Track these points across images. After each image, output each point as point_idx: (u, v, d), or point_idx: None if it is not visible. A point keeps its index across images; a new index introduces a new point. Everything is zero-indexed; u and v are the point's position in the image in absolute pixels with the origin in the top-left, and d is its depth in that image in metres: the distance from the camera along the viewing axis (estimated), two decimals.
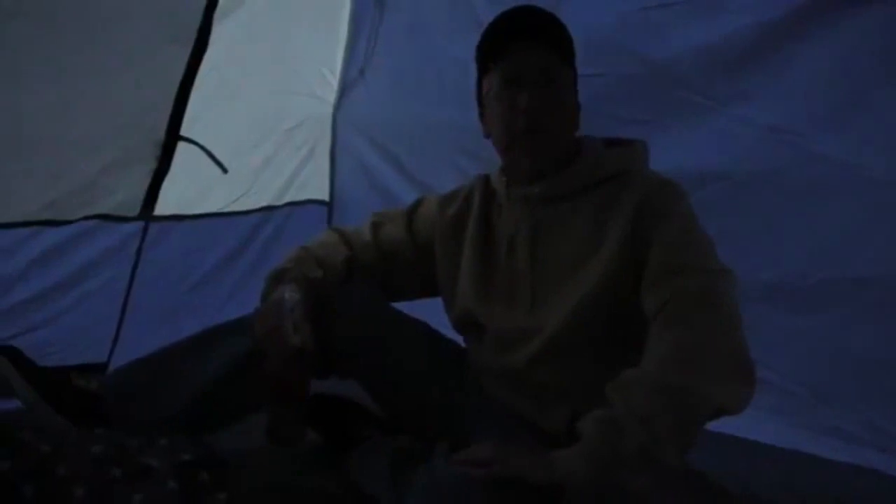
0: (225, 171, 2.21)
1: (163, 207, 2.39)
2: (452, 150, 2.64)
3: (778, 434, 2.01)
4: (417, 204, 1.81)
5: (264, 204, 2.80)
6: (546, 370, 1.52)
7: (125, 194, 2.26)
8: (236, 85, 2.47)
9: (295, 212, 2.93)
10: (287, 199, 2.89)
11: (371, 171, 3.00)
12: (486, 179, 1.72)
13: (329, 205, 3.08)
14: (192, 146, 2.30)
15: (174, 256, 2.48)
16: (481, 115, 1.65)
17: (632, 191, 1.50)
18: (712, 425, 1.36)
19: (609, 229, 1.48)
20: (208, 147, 2.31)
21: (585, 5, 2.16)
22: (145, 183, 2.29)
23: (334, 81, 2.98)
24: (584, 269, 1.50)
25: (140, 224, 2.38)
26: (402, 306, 1.72)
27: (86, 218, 2.22)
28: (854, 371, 1.93)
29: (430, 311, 1.75)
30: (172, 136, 2.27)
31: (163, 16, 2.13)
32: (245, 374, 1.63)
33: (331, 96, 3.00)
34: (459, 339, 1.75)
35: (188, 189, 2.42)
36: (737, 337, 1.34)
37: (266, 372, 1.56)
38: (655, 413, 1.24)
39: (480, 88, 1.63)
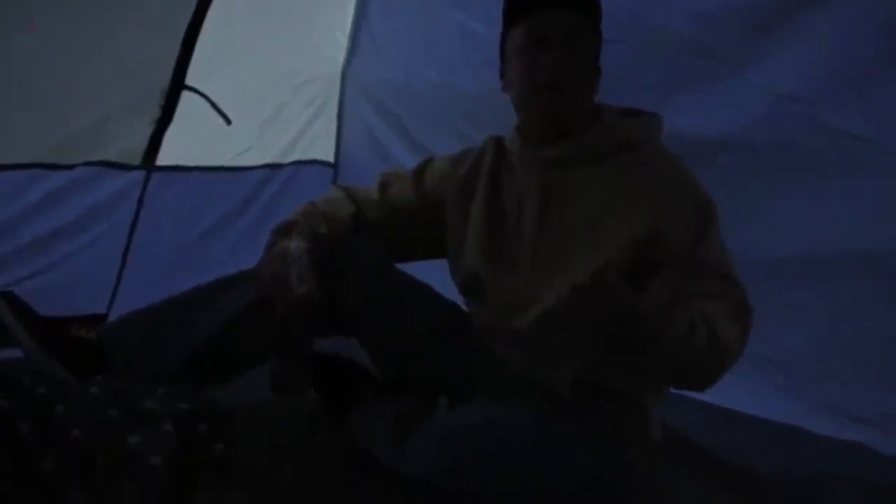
0: (228, 122, 2.18)
1: (166, 158, 2.36)
2: (458, 117, 2.61)
3: (781, 410, 2.01)
4: (426, 163, 1.78)
5: (269, 161, 2.77)
6: (549, 333, 1.50)
7: (128, 142, 2.23)
8: (245, 38, 2.43)
9: (300, 171, 2.90)
10: (293, 157, 2.86)
11: (376, 135, 2.98)
12: (498, 140, 1.70)
13: (334, 167, 3.06)
14: (197, 97, 2.26)
15: (177, 208, 2.45)
16: (502, 71, 1.63)
17: (654, 166, 1.50)
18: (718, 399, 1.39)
19: (627, 203, 1.47)
20: (213, 99, 2.27)
21: None
22: (149, 131, 2.26)
23: (344, 41, 2.93)
24: (598, 237, 1.48)
25: (142, 173, 2.34)
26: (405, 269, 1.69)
27: (87, 164, 2.19)
28: (862, 349, 1.93)
29: (433, 278, 1.72)
30: (177, 84, 2.23)
31: None
32: (247, 327, 1.60)
33: (340, 56, 2.95)
34: (462, 303, 1.72)
35: (193, 140, 2.39)
36: (742, 348, 1.45)
37: (270, 322, 1.55)
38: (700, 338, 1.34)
39: (504, 43, 1.61)
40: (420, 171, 1.77)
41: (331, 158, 3.04)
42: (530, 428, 1.39)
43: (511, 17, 1.58)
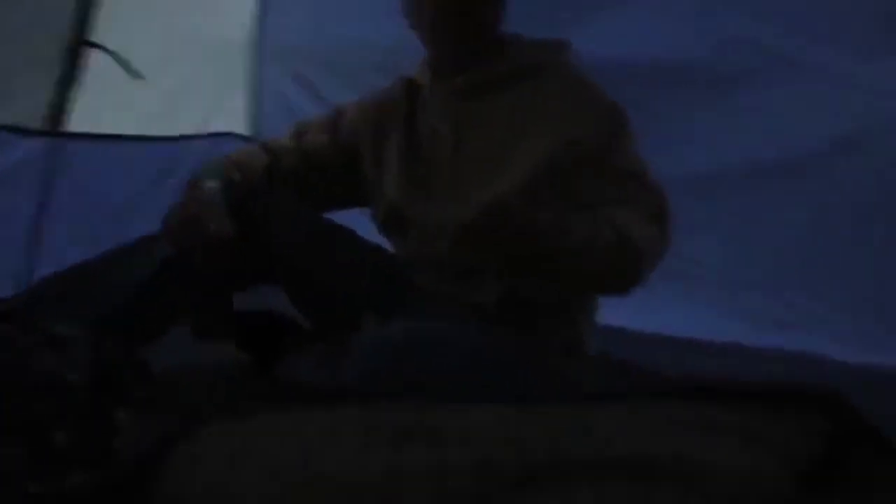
0: (140, 77, 2.11)
1: (73, 124, 2.27)
2: (373, 72, 2.51)
3: (702, 324, 2.09)
4: (340, 108, 1.81)
5: (185, 132, 2.72)
6: (465, 257, 1.52)
7: (26, 102, 2.11)
8: None
9: (218, 144, 2.81)
10: (211, 128, 2.82)
11: (292, 104, 2.94)
12: (408, 79, 1.72)
13: (251, 140, 2.94)
14: (104, 55, 2.17)
15: (89, 181, 2.36)
16: (409, 8, 1.64)
17: (562, 85, 1.56)
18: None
19: (537, 122, 1.53)
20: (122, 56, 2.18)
21: None
22: (50, 92, 2.14)
23: (251, 6, 2.88)
24: (509, 162, 1.53)
25: (47, 140, 2.23)
26: None
27: None
28: (773, 255, 2.01)
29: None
30: (79, 39, 2.12)
31: None
32: (164, 283, 1.59)
33: (249, 24, 2.91)
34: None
35: (101, 103, 2.30)
36: (664, 248, 1.51)
37: (187, 271, 1.54)
38: (600, 243, 1.42)
39: None
40: (334, 118, 1.79)
41: (246, 131, 2.99)
42: (456, 336, 1.38)
43: None
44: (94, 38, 2.15)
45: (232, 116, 2.92)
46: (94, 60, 2.19)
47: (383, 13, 1.74)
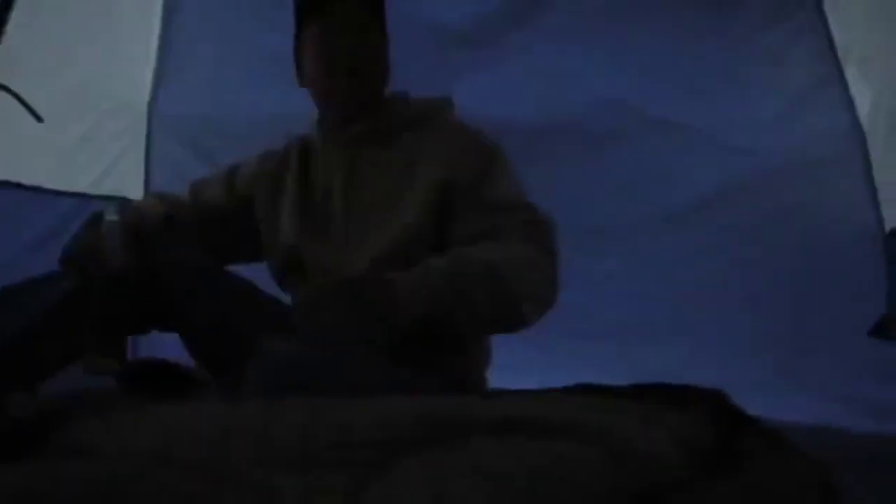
0: (40, 119, 2.09)
1: None
2: (268, 138, 2.65)
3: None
4: (235, 166, 1.87)
5: (80, 189, 2.69)
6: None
7: None
8: (52, 39, 2.38)
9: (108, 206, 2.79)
10: (104, 189, 2.79)
11: (185, 173, 2.89)
12: (300, 137, 1.80)
13: None
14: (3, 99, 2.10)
15: None
16: (298, 69, 1.74)
17: (443, 133, 1.64)
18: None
19: (421, 169, 1.60)
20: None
21: None
22: None
23: (149, 73, 2.92)
24: (396, 208, 1.60)
25: None
26: None
27: None
28: (671, 306, 2.10)
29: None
30: None
31: None
32: (57, 321, 1.57)
33: (146, 88, 2.93)
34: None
35: None
36: (555, 264, 1.53)
37: (84, 308, 1.51)
38: (475, 282, 1.42)
39: (298, 42, 1.72)
40: (230, 173, 1.85)
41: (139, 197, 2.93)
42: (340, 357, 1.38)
43: (304, 14, 1.70)
44: None
45: (125, 178, 2.89)
46: None
47: (277, 80, 1.82)
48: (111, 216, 1.59)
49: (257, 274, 1.74)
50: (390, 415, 0.87)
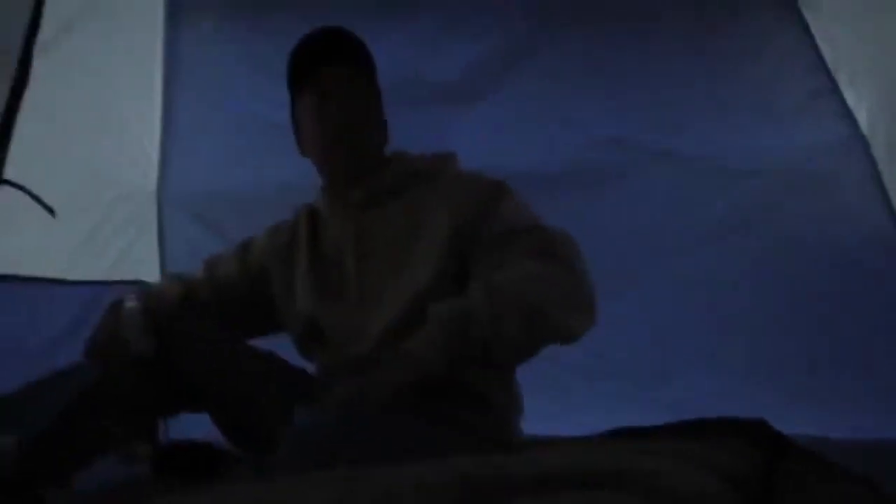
0: (52, 213, 2.12)
1: None
2: (278, 209, 2.67)
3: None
4: (248, 241, 1.89)
5: (96, 278, 2.69)
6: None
7: None
8: (57, 129, 2.40)
9: (128, 292, 2.79)
10: (120, 276, 2.79)
11: (199, 249, 2.92)
12: (309, 206, 1.81)
13: None
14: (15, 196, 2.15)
15: (1, 325, 2.31)
16: (298, 138, 1.77)
17: (449, 185, 1.64)
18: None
19: (428, 222, 1.61)
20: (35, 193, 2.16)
21: None
22: None
23: (155, 156, 2.95)
24: (407, 265, 1.60)
25: None
26: None
27: None
28: (693, 339, 2.08)
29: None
30: None
31: None
32: (84, 413, 1.57)
33: (153, 172, 2.96)
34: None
35: (12, 245, 2.30)
36: (584, 273, 1.49)
37: (110, 399, 1.52)
38: (508, 315, 1.37)
39: (294, 111, 1.76)
40: (243, 248, 1.87)
41: (156, 279, 2.92)
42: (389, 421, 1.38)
43: (296, 82, 1.73)
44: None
45: (141, 263, 2.91)
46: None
47: (280, 155, 1.84)
48: (130, 302, 1.60)
49: (283, 345, 1.74)
50: (431, 481, 0.86)
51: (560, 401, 1.92)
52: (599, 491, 0.83)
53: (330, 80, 1.68)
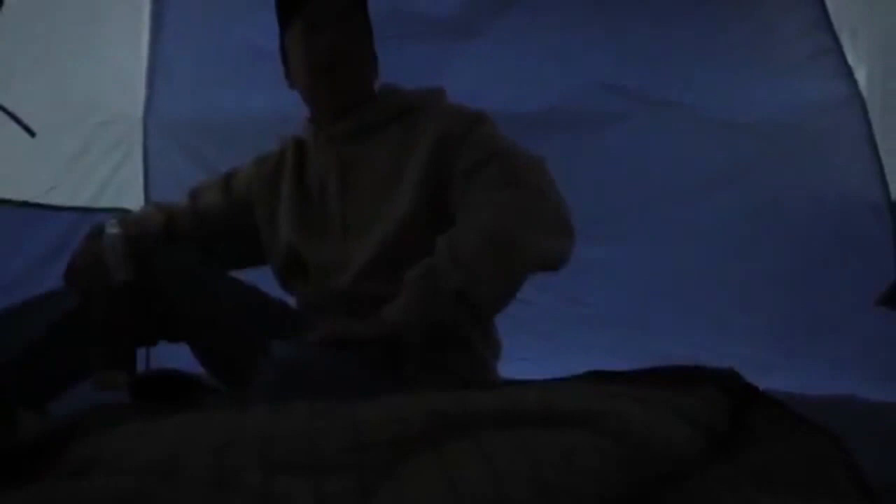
0: (32, 134, 2.10)
1: None
2: (263, 140, 2.64)
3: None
4: (233, 170, 1.87)
5: (79, 204, 2.68)
6: (366, 289, 1.57)
7: None
8: (42, 51, 2.37)
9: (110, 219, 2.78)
10: (103, 202, 2.78)
11: (183, 178, 2.88)
12: (296, 137, 1.79)
13: None
14: None
15: None
16: (286, 69, 1.75)
17: (433, 119, 1.63)
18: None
19: (411, 158, 1.60)
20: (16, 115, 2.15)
21: None
22: None
23: (141, 80, 2.91)
24: (390, 198, 1.60)
25: None
26: None
27: None
28: (671, 295, 2.09)
29: None
30: None
31: None
32: (63, 337, 1.56)
33: (140, 97, 2.92)
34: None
35: None
36: (554, 196, 1.49)
37: (89, 320, 1.51)
38: (476, 257, 1.38)
39: (283, 43, 1.73)
40: (227, 178, 1.86)
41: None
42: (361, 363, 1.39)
43: (285, 14, 1.71)
44: None
45: (124, 191, 2.89)
46: None
47: (268, 83, 1.81)
48: (112, 229, 1.59)
49: (263, 278, 1.74)
50: (399, 413, 0.86)
51: (548, 347, 1.92)
52: (569, 429, 0.83)
53: (318, 8, 1.66)
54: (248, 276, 1.71)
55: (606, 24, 2.27)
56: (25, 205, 2.51)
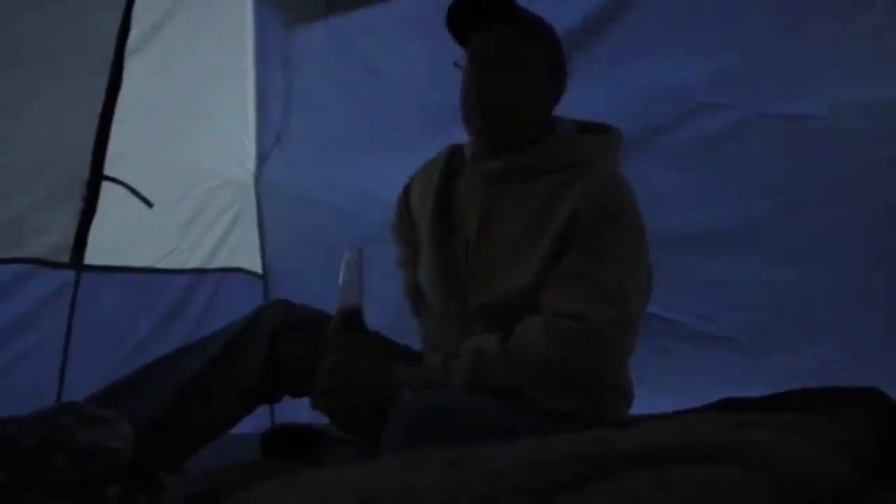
0: (150, 205, 2.20)
1: (92, 255, 2.36)
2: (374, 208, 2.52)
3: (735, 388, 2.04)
4: (405, 192, 1.79)
5: (195, 265, 2.78)
6: (474, 329, 1.53)
7: (57, 236, 2.22)
8: (155, 132, 2.47)
9: (226, 278, 2.91)
10: (217, 263, 2.88)
11: (299, 241, 2.98)
12: (456, 147, 1.71)
13: (263, 277, 3.04)
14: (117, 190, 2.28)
15: (108, 313, 2.42)
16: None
17: (586, 182, 1.51)
18: None
19: (552, 223, 1.50)
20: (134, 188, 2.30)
21: None
22: (74, 224, 2.25)
23: (251, 147, 3.00)
24: (523, 261, 1.51)
25: (71, 273, 2.32)
26: None
27: (17, 260, 2.18)
28: (788, 310, 2.00)
29: None
30: (96, 174, 2.26)
31: (78, 48, 2.19)
32: (198, 395, 1.58)
33: (250, 163, 3.02)
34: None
35: (116, 236, 2.39)
36: (589, 359, 1.40)
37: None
38: (480, 384, 1.40)
39: None
40: (402, 205, 1.78)
41: (255, 268, 3.04)
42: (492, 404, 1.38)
43: (458, 41, 1.63)
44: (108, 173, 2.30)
45: (238, 252, 2.98)
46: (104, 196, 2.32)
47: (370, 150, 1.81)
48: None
49: None
50: (539, 458, 0.85)
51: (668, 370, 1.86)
52: (713, 463, 0.81)
53: (476, 44, 1.58)
54: None
55: (700, 42, 2.20)
56: (145, 270, 2.61)
